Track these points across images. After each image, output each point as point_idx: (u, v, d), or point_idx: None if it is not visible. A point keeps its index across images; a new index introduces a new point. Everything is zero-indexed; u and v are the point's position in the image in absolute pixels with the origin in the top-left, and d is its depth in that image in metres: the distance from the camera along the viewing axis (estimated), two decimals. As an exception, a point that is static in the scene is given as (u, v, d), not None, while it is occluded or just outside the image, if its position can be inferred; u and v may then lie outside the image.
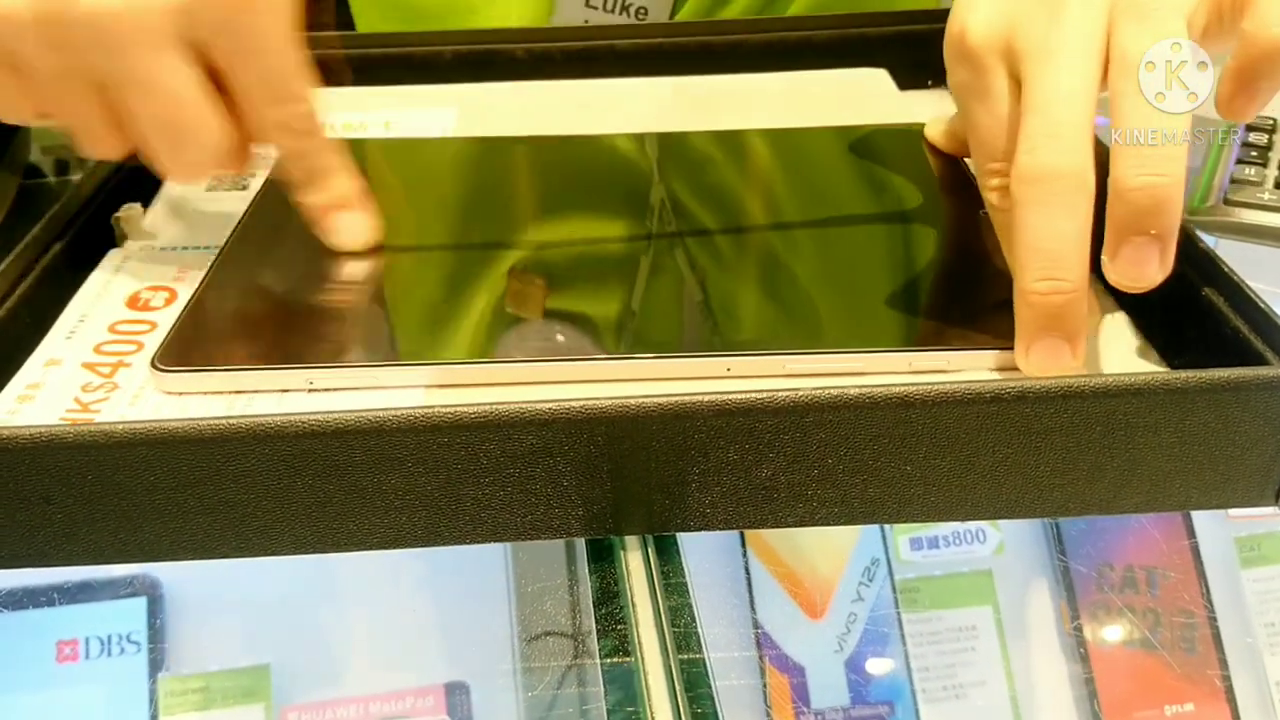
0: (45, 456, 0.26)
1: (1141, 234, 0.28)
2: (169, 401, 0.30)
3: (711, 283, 0.35)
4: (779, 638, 0.43)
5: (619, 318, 0.33)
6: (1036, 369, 0.29)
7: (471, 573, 0.40)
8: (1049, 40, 0.30)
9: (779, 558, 0.44)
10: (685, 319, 0.33)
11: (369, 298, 0.34)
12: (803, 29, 0.50)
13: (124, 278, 0.36)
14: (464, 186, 0.41)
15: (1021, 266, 0.29)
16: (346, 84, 0.49)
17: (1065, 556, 0.45)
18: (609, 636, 0.27)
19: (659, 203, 0.39)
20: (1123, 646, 0.44)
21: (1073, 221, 0.28)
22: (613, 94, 0.49)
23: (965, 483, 0.28)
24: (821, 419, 0.27)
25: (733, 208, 0.40)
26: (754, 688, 0.42)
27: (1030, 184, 0.29)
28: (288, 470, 0.26)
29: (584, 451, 0.27)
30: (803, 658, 0.43)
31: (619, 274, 0.35)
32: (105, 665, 0.39)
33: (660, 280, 0.35)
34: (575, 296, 0.34)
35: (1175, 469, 0.28)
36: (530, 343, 0.32)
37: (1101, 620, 0.44)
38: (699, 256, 0.36)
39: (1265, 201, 0.41)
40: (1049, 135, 0.28)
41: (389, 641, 0.41)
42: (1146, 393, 0.27)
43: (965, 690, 0.44)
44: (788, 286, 0.35)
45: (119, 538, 0.27)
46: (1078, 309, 0.29)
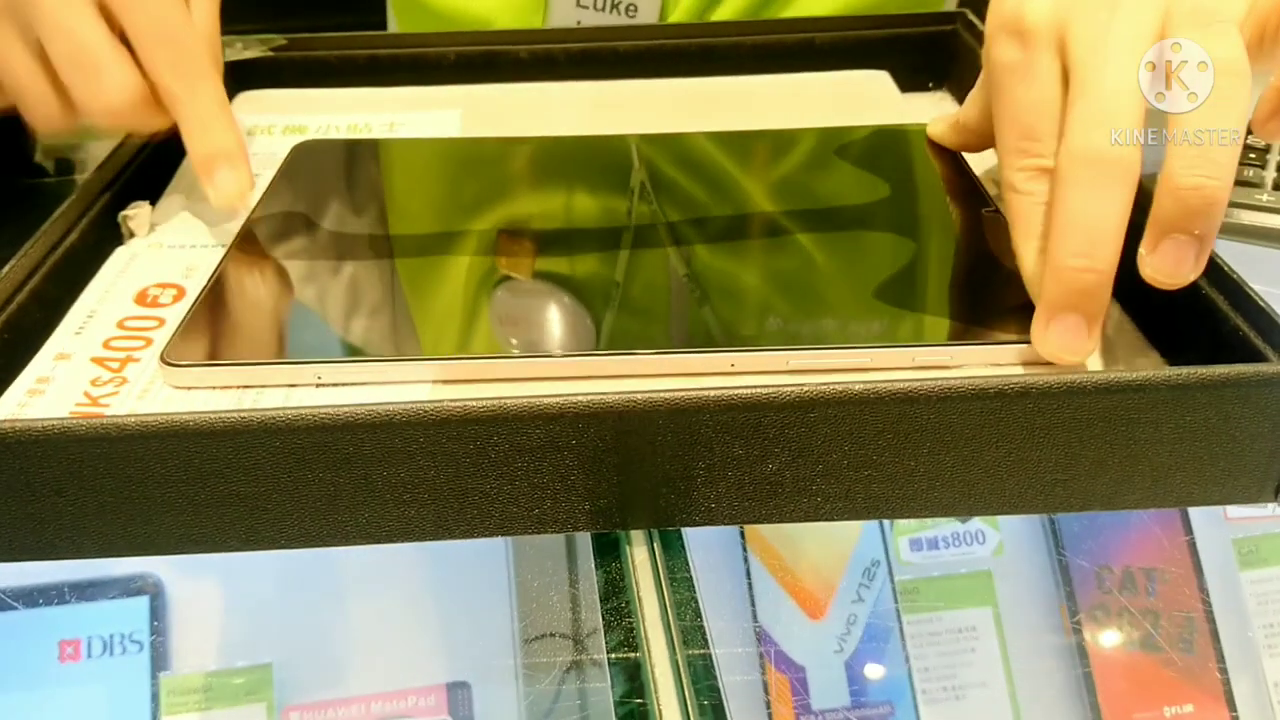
0: (57, 449, 0.26)
1: (1185, 232, 0.29)
2: (178, 396, 0.30)
3: (715, 280, 0.35)
4: (780, 638, 0.43)
5: (624, 314, 0.33)
6: (1053, 346, 0.30)
7: (473, 572, 0.41)
8: (1108, 33, 0.30)
9: (780, 559, 0.44)
10: (689, 316, 0.33)
11: (377, 294, 0.35)
12: (804, 31, 0.51)
13: (132, 274, 0.36)
14: (473, 185, 0.41)
15: (1058, 241, 0.29)
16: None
17: (1065, 557, 0.45)
18: (615, 630, 0.27)
19: (662, 203, 0.39)
20: (1122, 647, 0.45)
21: (1115, 207, 0.29)
22: (615, 95, 0.49)
23: (969, 478, 0.28)
24: (826, 414, 0.27)
25: (735, 207, 0.40)
26: (755, 687, 0.42)
27: (1082, 165, 0.29)
28: (298, 463, 0.26)
29: (591, 446, 0.27)
30: (803, 658, 0.43)
31: (624, 272, 0.35)
32: (108, 664, 0.40)
33: (664, 278, 0.35)
34: (580, 293, 0.34)
35: (1176, 465, 0.28)
36: (536, 339, 0.33)
37: (1101, 621, 0.45)
38: (703, 255, 0.36)
39: (1264, 203, 0.41)
40: (1104, 122, 0.29)
41: (391, 641, 0.41)
42: (1148, 389, 0.27)
43: (965, 690, 0.44)
44: (791, 283, 0.35)
45: (128, 530, 0.27)
46: (1104, 292, 0.29)
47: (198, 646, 0.40)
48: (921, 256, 0.36)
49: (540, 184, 0.42)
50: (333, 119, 0.47)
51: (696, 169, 0.42)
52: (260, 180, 0.40)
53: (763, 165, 0.43)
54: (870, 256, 0.36)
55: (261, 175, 0.42)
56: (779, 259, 0.36)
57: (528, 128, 0.45)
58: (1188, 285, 0.29)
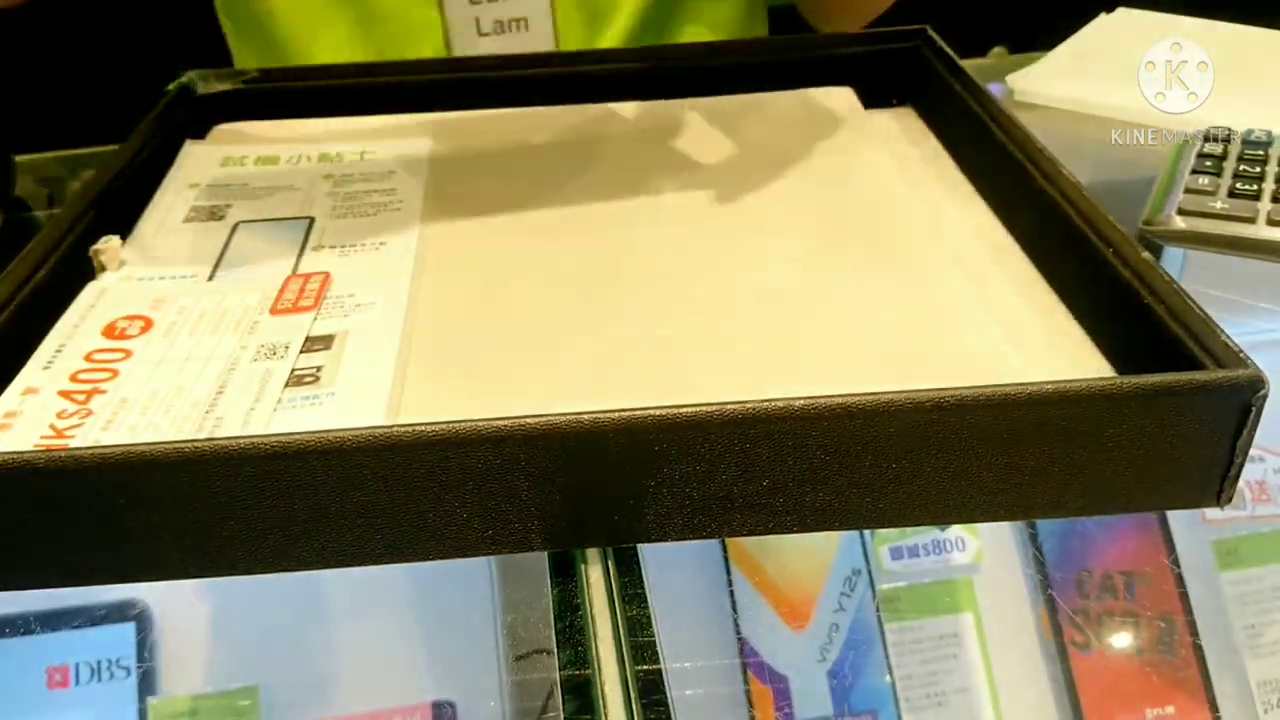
0: (16, 484, 0.26)
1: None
2: (141, 425, 0.31)
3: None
4: (762, 648, 0.43)
5: None
6: None
7: (457, 592, 0.41)
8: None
9: (761, 570, 0.44)
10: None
11: None
12: (768, 52, 0.52)
13: (101, 308, 0.37)
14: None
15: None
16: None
17: (1044, 563, 0.45)
18: (566, 649, 0.28)
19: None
20: (1103, 651, 0.45)
21: None
22: (585, 119, 0.50)
23: (911, 489, 0.29)
24: (769, 430, 0.27)
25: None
26: (738, 699, 0.42)
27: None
28: (251, 491, 0.27)
29: (541, 467, 0.28)
30: (786, 668, 0.43)
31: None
32: (96, 690, 0.40)
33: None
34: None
35: (1116, 472, 0.29)
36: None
37: (1081, 625, 0.45)
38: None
39: (1218, 210, 0.42)
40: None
41: (376, 661, 0.42)
42: (1084, 399, 0.27)
43: (948, 697, 0.44)
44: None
45: (90, 559, 0.28)
46: None
47: (185, 670, 0.41)
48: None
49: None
50: (304, 149, 0.48)
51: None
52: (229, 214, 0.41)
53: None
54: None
55: (230, 208, 0.42)
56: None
57: (499, 154, 0.46)
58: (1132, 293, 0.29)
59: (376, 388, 0.32)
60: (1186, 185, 0.43)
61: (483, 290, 0.38)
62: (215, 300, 0.37)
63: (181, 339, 0.35)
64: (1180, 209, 0.42)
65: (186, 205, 0.43)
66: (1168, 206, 0.42)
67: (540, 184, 0.45)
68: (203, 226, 0.42)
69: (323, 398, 0.32)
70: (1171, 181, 0.44)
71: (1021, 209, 0.40)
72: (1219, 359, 0.29)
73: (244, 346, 0.34)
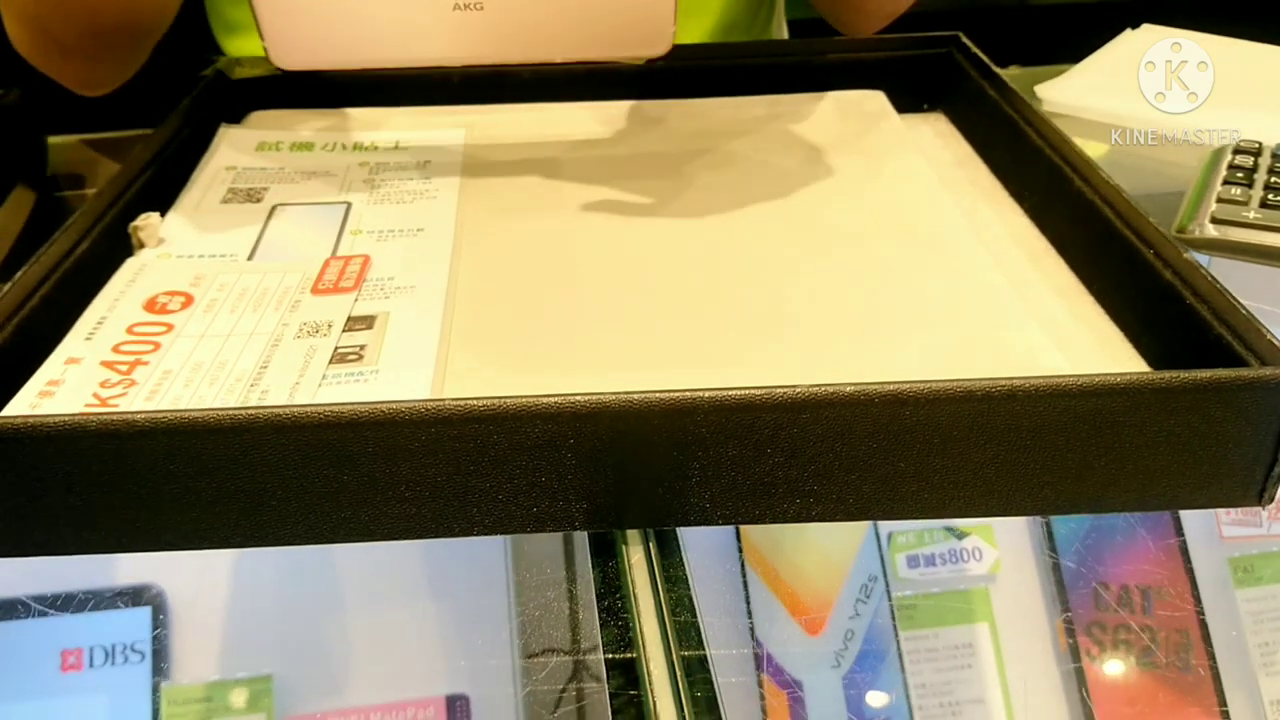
0: (68, 444, 0.26)
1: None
2: (185, 396, 0.31)
3: None
4: (777, 654, 0.43)
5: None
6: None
7: (472, 582, 0.41)
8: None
9: (777, 575, 0.44)
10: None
11: None
12: (801, 54, 0.52)
13: (141, 283, 0.37)
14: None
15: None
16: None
17: (1061, 575, 0.45)
18: (610, 628, 0.28)
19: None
20: (1118, 665, 0.45)
21: None
22: (618, 116, 0.50)
23: (957, 479, 0.29)
24: (817, 415, 0.27)
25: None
26: (752, 703, 0.42)
27: None
28: (302, 460, 0.27)
29: (588, 444, 0.28)
30: (800, 674, 0.43)
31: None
32: (109, 674, 0.40)
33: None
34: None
35: (1162, 468, 0.29)
36: None
37: (1097, 638, 0.45)
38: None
39: (1250, 220, 0.42)
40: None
41: (390, 652, 0.41)
42: (1133, 391, 0.27)
43: (961, 707, 0.44)
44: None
45: (136, 526, 0.28)
46: None
47: (199, 657, 0.41)
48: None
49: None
50: (338, 137, 0.48)
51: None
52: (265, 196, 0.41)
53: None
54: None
55: (267, 190, 0.43)
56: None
57: (536, 144, 0.46)
58: (1174, 294, 0.30)
59: (420, 366, 0.32)
60: (1219, 195, 0.43)
61: (520, 275, 0.38)
62: (255, 279, 0.37)
63: (223, 315, 0.35)
64: (1213, 218, 0.42)
65: (224, 187, 0.43)
66: (1200, 215, 0.43)
67: (578, 175, 0.45)
68: (240, 208, 0.42)
69: (367, 375, 0.32)
70: (1203, 191, 0.44)
71: (1059, 212, 0.40)
72: (1263, 357, 0.29)
73: (286, 324, 0.34)
